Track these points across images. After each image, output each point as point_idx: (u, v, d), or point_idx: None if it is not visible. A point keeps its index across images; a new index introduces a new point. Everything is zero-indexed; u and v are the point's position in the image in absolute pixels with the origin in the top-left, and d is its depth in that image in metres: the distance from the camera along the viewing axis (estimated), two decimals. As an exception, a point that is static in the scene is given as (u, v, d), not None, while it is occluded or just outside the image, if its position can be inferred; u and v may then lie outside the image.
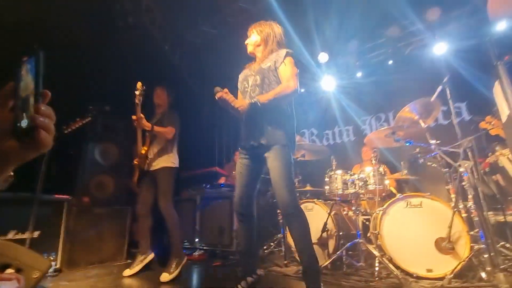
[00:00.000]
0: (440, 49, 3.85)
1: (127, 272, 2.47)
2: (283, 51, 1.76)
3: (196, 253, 3.30)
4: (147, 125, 2.51)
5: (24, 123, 0.41)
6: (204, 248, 3.38)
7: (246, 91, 1.78)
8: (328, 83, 4.85)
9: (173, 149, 2.72)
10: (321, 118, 5.08)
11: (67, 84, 3.22)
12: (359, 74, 4.71)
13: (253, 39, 1.88)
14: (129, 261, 3.13)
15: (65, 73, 3.21)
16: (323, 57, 4.61)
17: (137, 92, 2.44)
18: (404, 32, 4.05)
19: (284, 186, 1.54)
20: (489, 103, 2.35)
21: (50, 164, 2.36)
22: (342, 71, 4.77)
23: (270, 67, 1.74)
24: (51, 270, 2.52)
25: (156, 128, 2.56)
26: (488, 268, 1.85)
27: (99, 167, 3.19)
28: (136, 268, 2.49)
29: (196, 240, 3.46)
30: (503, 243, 2.32)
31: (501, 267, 1.83)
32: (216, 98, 1.60)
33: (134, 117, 2.47)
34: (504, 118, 1.68)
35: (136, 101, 2.43)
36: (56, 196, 2.81)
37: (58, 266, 2.64)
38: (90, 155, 3.15)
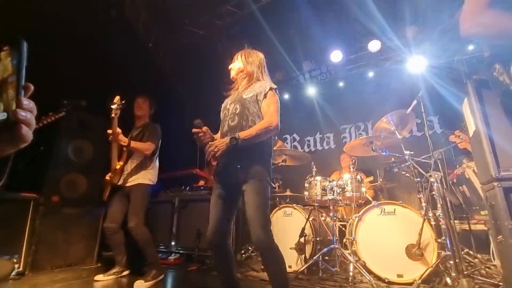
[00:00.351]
0: (416, 64, 4.09)
1: (100, 277, 2.35)
2: (267, 84, 1.70)
3: (172, 257, 3.21)
4: (123, 140, 2.33)
5: (1, 116, 0.38)
6: (181, 252, 3.29)
7: (226, 119, 1.72)
8: (311, 91, 4.97)
9: (152, 165, 2.56)
10: (303, 124, 5.17)
11: (41, 75, 3.05)
12: (340, 84, 4.87)
13: (236, 65, 1.82)
14: (99, 264, 2.98)
15: (39, 64, 3.03)
16: (307, 65, 4.73)
17: (113, 106, 2.25)
18: (384, 47, 4.26)
19: (259, 223, 1.48)
20: (459, 118, 2.51)
21: (16, 159, 2.19)
22: (324, 80, 4.91)
23: (252, 97, 1.67)
24: (13, 273, 2.37)
25: (134, 144, 2.39)
26: (453, 274, 1.96)
27: (72, 165, 3.03)
28: (110, 277, 2.38)
29: (172, 243, 3.37)
30: (467, 250, 2.46)
31: (465, 273, 1.94)
32: (193, 133, 1.54)
33: (109, 131, 2.27)
34: (471, 133, 1.80)
35: (113, 115, 2.25)
36: (22, 194, 2.63)
37: (21, 269, 2.47)
38: (63, 151, 2.98)
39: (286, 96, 5.32)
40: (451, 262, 2.00)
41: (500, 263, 2.00)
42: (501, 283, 1.96)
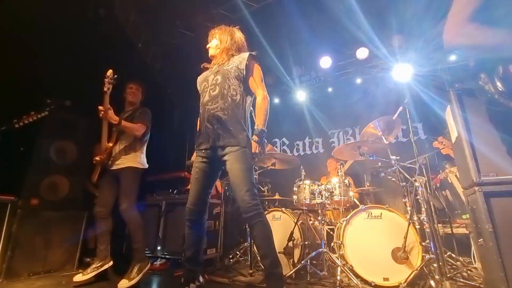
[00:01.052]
0: (402, 72, 4.22)
1: (78, 277, 2.21)
2: (245, 53, 1.81)
3: (158, 262, 3.12)
4: (114, 118, 2.25)
5: None
6: (167, 256, 3.21)
7: (206, 90, 1.79)
8: (301, 96, 5.04)
9: (142, 149, 2.52)
10: (292, 129, 5.22)
11: (25, 74, 2.94)
12: (329, 89, 4.96)
13: (214, 42, 1.92)
14: (80, 271, 2.86)
15: (23, 62, 2.93)
16: (297, 71, 4.79)
17: (106, 80, 2.20)
18: (371, 55, 4.38)
19: (246, 189, 1.52)
20: (442, 124, 2.59)
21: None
22: (314, 85, 4.99)
23: (232, 68, 1.77)
24: (-16, 281, 2.23)
25: (124, 123, 2.33)
26: (437, 277, 2.00)
27: (53, 166, 2.90)
28: (90, 274, 2.24)
29: (158, 248, 3.28)
30: (449, 253, 2.54)
31: (448, 275, 2.00)
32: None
33: (100, 107, 2.22)
34: (453, 139, 1.87)
35: (105, 89, 2.19)
36: (-2, 196, 2.50)
37: (-6, 276, 2.33)
38: (44, 152, 2.85)
39: (276, 101, 5.37)
40: (435, 265, 2.05)
41: (481, 266, 2.06)
42: (482, 286, 2.02)
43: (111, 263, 2.39)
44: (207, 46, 1.93)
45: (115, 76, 2.26)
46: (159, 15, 4.12)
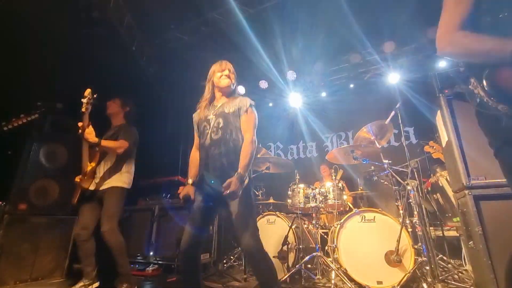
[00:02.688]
0: (394, 78, 4.32)
1: None
2: (247, 101, 1.75)
3: (150, 268, 3.07)
4: (92, 138, 2.16)
5: None
6: (159, 262, 3.16)
7: (206, 132, 1.74)
8: (295, 100, 5.08)
9: (127, 168, 2.43)
10: (286, 133, 5.25)
11: (15, 76, 2.89)
12: (323, 94, 5.02)
13: (232, 77, 1.85)
14: (68, 278, 2.78)
15: (14, 64, 2.87)
16: (291, 75, 4.84)
17: (84, 100, 2.09)
18: (364, 60, 4.47)
19: (247, 231, 1.51)
20: (433, 129, 2.65)
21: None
22: (308, 89, 5.04)
23: (234, 113, 1.73)
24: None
25: (104, 143, 2.23)
26: (429, 280, 2.03)
27: (42, 170, 2.83)
28: None
29: (151, 253, 3.23)
30: (441, 256, 2.57)
31: (440, 278, 2.02)
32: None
33: (80, 124, 2.13)
34: (444, 143, 1.91)
35: (83, 109, 2.09)
36: (-15, 201, 2.42)
37: (-22, 284, 2.24)
38: (33, 156, 2.79)
39: (270, 105, 5.40)
40: (427, 268, 2.07)
41: (471, 268, 2.10)
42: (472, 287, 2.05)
43: (97, 284, 2.28)
44: (224, 74, 1.82)
45: (95, 95, 2.15)
46: (154, 18, 4.11)
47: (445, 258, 2.60)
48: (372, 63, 4.51)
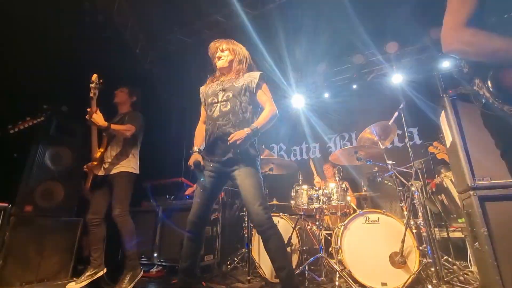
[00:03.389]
0: (397, 78, 4.30)
1: (71, 286, 2.18)
2: (256, 73, 1.83)
3: (154, 270, 3.08)
4: (101, 122, 2.22)
5: None
6: (163, 264, 3.17)
7: (215, 105, 1.78)
8: (298, 101, 5.08)
9: (134, 153, 2.50)
10: (289, 134, 5.24)
11: (22, 79, 2.93)
12: (326, 95, 5.01)
13: (225, 54, 1.89)
14: (74, 279, 2.81)
15: (21, 67, 2.92)
16: (294, 76, 4.85)
17: (92, 85, 2.18)
18: (367, 61, 4.45)
19: (259, 203, 1.54)
20: (437, 129, 2.63)
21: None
22: (310, 90, 5.04)
23: (243, 86, 1.78)
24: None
25: (113, 126, 2.31)
26: (434, 281, 2.01)
27: (48, 173, 2.86)
28: (83, 282, 2.21)
29: (155, 255, 3.24)
30: (446, 257, 2.55)
31: (445, 279, 2.00)
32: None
33: (89, 109, 2.20)
34: (448, 144, 1.90)
35: (91, 94, 2.18)
36: (-9, 203, 2.45)
37: (-15, 285, 2.27)
38: (39, 158, 2.82)
39: (273, 106, 5.40)
40: (432, 269, 2.06)
41: (477, 270, 2.08)
42: (478, 289, 2.03)
43: (104, 270, 2.35)
44: (218, 55, 1.89)
45: (101, 80, 2.24)
46: (157, 21, 4.14)
47: (450, 259, 2.57)
48: (375, 64, 4.49)
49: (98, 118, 2.23)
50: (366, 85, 4.69)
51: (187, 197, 3.51)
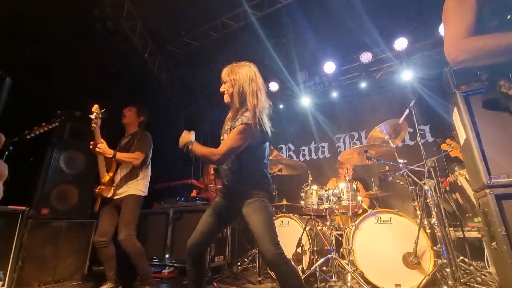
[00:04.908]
0: (407, 76, 4.22)
1: None
2: (242, 119, 1.53)
3: (166, 271, 3.12)
4: (108, 152, 2.21)
5: None
6: (175, 265, 3.20)
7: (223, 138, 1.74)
8: (306, 101, 5.06)
9: (143, 175, 2.48)
10: (298, 134, 5.22)
11: (36, 86, 3.03)
12: (334, 94, 4.96)
13: (228, 87, 1.67)
14: (88, 279, 2.88)
15: (35, 74, 3.02)
16: (301, 76, 4.83)
17: (92, 116, 2.11)
18: (376, 58, 4.38)
19: (267, 240, 1.47)
20: (449, 127, 2.58)
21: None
22: (319, 90, 5.00)
23: (228, 130, 1.66)
24: (-4, 291, 2.26)
25: (120, 156, 2.29)
26: (450, 282, 1.96)
27: (63, 176, 2.95)
28: None
29: (167, 256, 3.28)
30: (462, 257, 2.48)
31: (462, 280, 1.95)
32: None
33: (92, 143, 2.19)
34: (462, 141, 1.85)
35: (93, 125, 2.13)
36: (10, 206, 2.54)
37: (5, 286, 2.35)
38: (54, 163, 2.91)
39: (281, 106, 5.39)
40: (448, 270, 2.00)
41: (495, 270, 2.01)
42: (497, 291, 1.96)
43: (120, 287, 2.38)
44: (221, 90, 1.71)
45: (102, 110, 2.18)
46: (165, 25, 4.21)
47: (466, 260, 2.50)
48: (384, 61, 4.42)
49: (103, 148, 2.21)
50: (375, 83, 4.62)
51: (197, 198, 3.55)
